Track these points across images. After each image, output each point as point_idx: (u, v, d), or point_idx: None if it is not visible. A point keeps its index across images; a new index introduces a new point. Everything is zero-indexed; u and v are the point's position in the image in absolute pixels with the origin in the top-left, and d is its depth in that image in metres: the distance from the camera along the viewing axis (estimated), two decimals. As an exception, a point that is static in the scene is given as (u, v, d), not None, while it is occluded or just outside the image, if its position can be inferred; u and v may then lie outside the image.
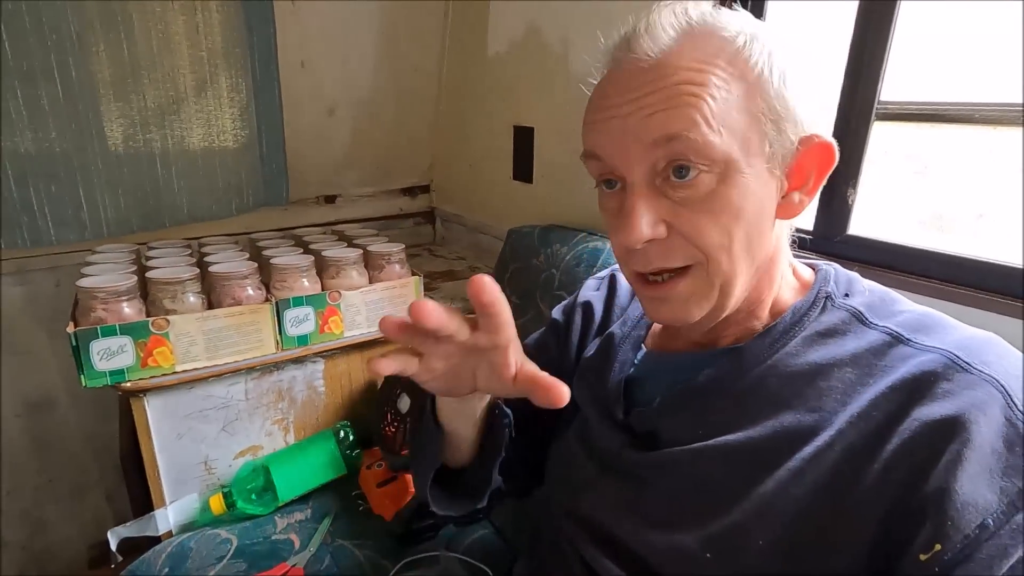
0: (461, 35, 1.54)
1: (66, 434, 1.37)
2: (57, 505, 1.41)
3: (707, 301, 0.46)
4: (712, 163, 0.42)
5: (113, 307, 0.87)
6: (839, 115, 0.82)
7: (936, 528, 0.35)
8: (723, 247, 0.44)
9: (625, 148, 0.44)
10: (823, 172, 0.47)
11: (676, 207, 0.44)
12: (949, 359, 0.39)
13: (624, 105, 0.43)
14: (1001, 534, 0.34)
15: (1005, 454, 0.35)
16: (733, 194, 0.43)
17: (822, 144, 0.45)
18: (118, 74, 1.16)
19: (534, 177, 1.36)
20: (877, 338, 0.43)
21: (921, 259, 0.77)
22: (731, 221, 0.43)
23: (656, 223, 0.44)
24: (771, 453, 0.42)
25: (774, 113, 0.43)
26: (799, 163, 0.45)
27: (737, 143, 0.42)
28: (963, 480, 0.35)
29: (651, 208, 0.44)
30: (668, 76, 0.42)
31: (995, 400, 0.37)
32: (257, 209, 1.39)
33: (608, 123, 0.44)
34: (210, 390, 0.99)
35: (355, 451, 1.10)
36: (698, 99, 0.41)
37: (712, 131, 0.41)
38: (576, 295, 0.70)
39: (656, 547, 0.47)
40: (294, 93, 1.39)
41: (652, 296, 0.48)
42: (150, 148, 1.23)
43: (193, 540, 0.94)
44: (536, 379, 0.44)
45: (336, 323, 1.06)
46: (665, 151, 0.42)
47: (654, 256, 0.45)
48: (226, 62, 1.26)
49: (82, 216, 1.18)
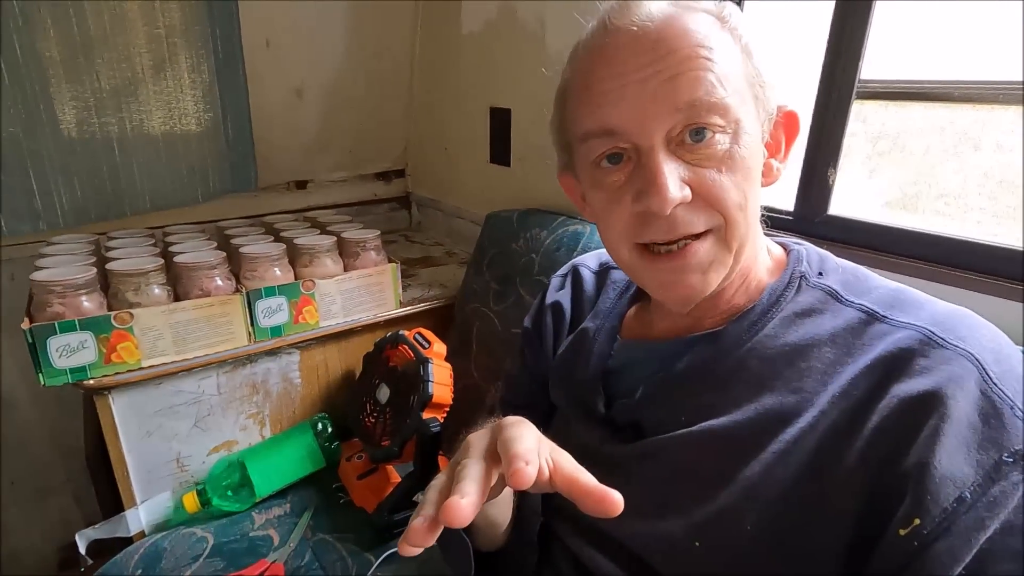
0: (434, 13, 1.50)
1: (28, 435, 1.31)
2: (21, 508, 1.35)
3: (724, 267, 0.46)
4: (726, 122, 0.43)
5: (71, 301, 0.83)
6: (819, 94, 0.82)
7: (915, 502, 0.35)
8: (741, 207, 0.44)
9: (644, 114, 0.43)
10: (791, 140, 0.50)
11: (694, 169, 0.43)
12: (925, 335, 0.40)
13: (638, 70, 0.42)
14: (978, 506, 0.34)
15: (981, 427, 0.36)
16: (745, 153, 0.44)
17: (790, 112, 0.49)
18: (68, 53, 1.09)
19: (511, 160, 1.33)
20: (853, 316, 0.44)
21: (901, 239, 0.77)
22: (744, 180, 0.44)
23: (682, 185, 0.43)
24: (755, 436, 0.42)
25: (761, 79, 0.45)
26: (773, 131, 0.48)
27: (741, 104, 0.44)
28: (941, 454, 0.35)
29: (676, 170, 0.43)
30: (677, 39, 0.42)
31: (971, 374, 0.37)
32: (224, 196, 1.34)
33: (624, 90, 0.43)
34: (180, 385, 0.95)
35: (334, 443, 1.08)
36: (712, 62, 0.42)
37: (727, 92, 0.42)
38: (542, 298, 0.68)
39: (643, 537, 0.47)
40: (259, 74, 1.33)
41: (671, 267, 0.45)
42: (106, 132, 1.16)
43: (167, 540, 0.91)
44: (576, 485, 0.35)
45: (311, 313, 1.03)
46: (686, 114, 0.42)
47: (679, 222, 0.44)
48: (185, 40, 1.20)
49: (35, 205, 1.12)
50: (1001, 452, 0.35)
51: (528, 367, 0.68)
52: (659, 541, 0.45)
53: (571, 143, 0.49)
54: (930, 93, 0.77)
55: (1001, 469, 0.35)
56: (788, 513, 0.40)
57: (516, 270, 1.06)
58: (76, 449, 1.32)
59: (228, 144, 1.31)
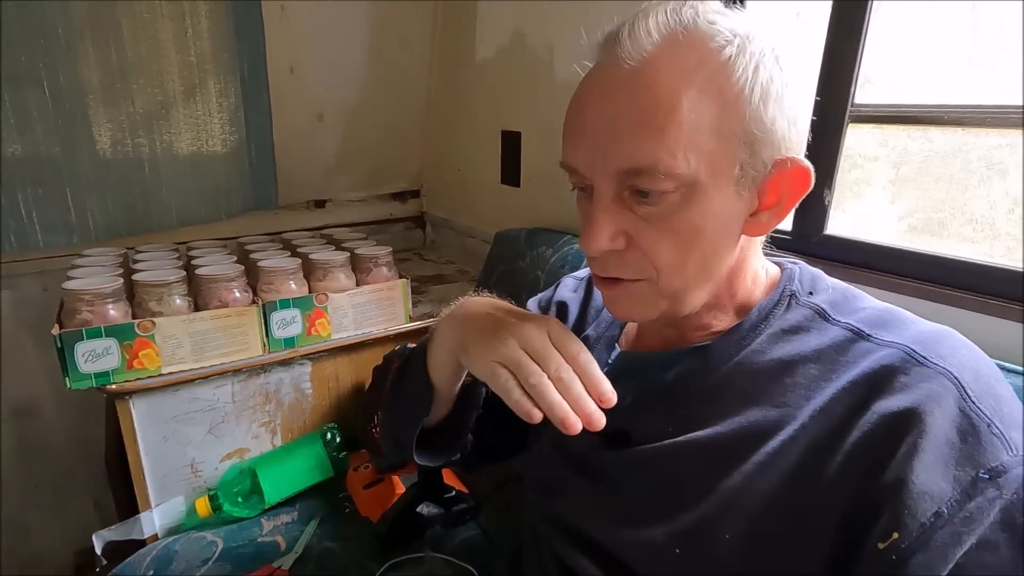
0: (449, 41, 1.56)
1: (52, 439, 1.37)
2: (43, 511, 1.40)
3: (656, 308, 0.47)
4: (677, 186, 0.42)
5: (98, 309, 0.88)
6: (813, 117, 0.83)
7: (893, 517, 0.36)
8: (675, 266, 0.45)
9: (594, 160, 0.44)
10: (796, 196, 0.45)
11: (639, 222, 0.44)
12: (906, 353, 0.40)
13: (597, 120, 0.43)
14: (955, 521, 0.35)
15: (959, 444, 0.36)
16: (695, 215, 0.43)
17: (797, 169, 0.44)
18: (107, 79, 1.16)
19: (521, 181, 1.37)
20: (839, 334, 0.44)
21: (897, 258, 0.78)
22: (689, 241, 0.44)
23: (616, 236, 0.45)
24: (737, 448, 0.43)
25: (748, 135, 0.42)
26: (772, 184, 0.44)
27: (704, 166, 0.41)
28: (919, 470, 0.36)
29: (613, 221, 0.44)
30: (641, 91, 0.41)
31: (949, 392, 0.38)
32: (246, 214, 1.40)
33: (580, 139, 0.45)
34: (196, 392, 0.99)
35: (342, 453, 1.10)
36: (666, 126, 0.40)
37: (677, 160, 0.41)
38: (554, 291, 0.70)
39: (627, 544, 0.48)
40: (283, 98, 1.40)
41: (606, 294, 0.50)
42: (139, 153, 1.23)
43: (178, 543, 0.94)
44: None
45: (323, 325, 1.06)
46: (629, 169, 0.42)
47: (610, 265, 0.47)
48: (215, 67, 1.27)
49: (70, 221, 1.18)
50: (978, 469, 0.36)
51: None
52: (643, 547, 0.46)
53: None
54: (922, 117, 0.78)
55: (977, 485, 0.35)
56: (768, 524, 0.41)
57: (523, 287, 1.09)
58: (97, 456, 1.36)
59: (251, 165, 1.37)
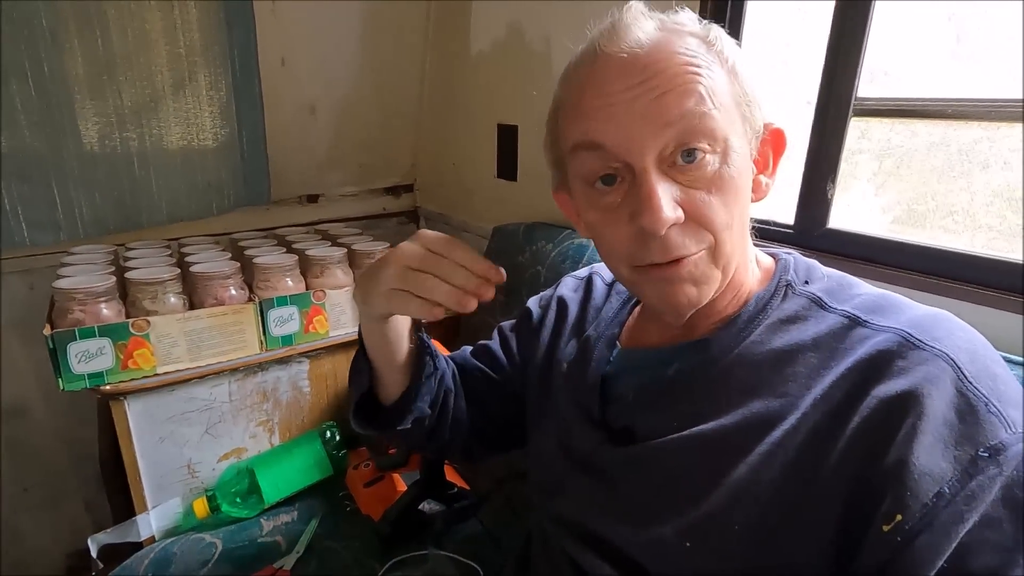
0: (443, 34, 1.54)
1: (42, 441, 1.34)
2: (33, 514, 1.37)
3: (714, 282, 0.47)
4: (715, 143, 0.44)
5: (91, 308, 0.86)
6: (817, 111, 0.84)
7: (896, 499, 0.36)
8: (728, 227, 0.45)
9: (633, 132, 0.43)
10: (779, 156, 0.51)
11: (686, 190, 0.44)
12: (903, 337, 0.41)
13: (627, 91, 0.43)
14: (957, 501, 0.35)
15: (957, 424, 0.37)
16: (734, 173, 0.45)
17: (777, 130, 0.50)
18: (93, 72, 1.13)
19: (518, 175, 1.36)
20: (836, 321, 0.45)
21: (900, 252, 0.79)
22: (733, 200, 0.45)
23: (675, 206, 0.44)
24: (742, 440, 0.43)
25: (747, 97, 0.46)
26: (761, 148, 0.49)
27: (729, 126, 0.45)
28: (919, 452, 0.36)
29: (668, 191, 0.44)
30: (666, 60, 0.44)
31: (946, 373, 0.38)
32: (238, 209, 1.37)
33: (611, 109, 0.44)
34: (193, 392, 0.97)
35: (341, 451, 1.09)
36: (699, 78, 0.43)
37: (715, 108, 0.43)
38: (554, 290, 0.70)
39: (635, 541, 0.48)
40: (275, 92, 1.37)
41: (666, 277, 0.46)
42: (127, 147, 1.20)
43: (177, 545, 0.92)
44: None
45: (321, 323, 1.05)
46: (676, 131, 0.43)
47: (672, 244, 0.44)
48: (205, 60, 1.24)
49: (57, 217, 1.15)
50: (977, 447, 0.36)
51: (505, 334, 0.73)
52: (651, 543, 0.47)
53: (563, 159, 0.51)
54: (926, 111, 0.79)
55: (978, 464, 0.36)
56: (775, 512, 0.41)
57: (523, 282, 1.08)
58: (88, 457, 1.34)
59: (243, 159, 1.35)
